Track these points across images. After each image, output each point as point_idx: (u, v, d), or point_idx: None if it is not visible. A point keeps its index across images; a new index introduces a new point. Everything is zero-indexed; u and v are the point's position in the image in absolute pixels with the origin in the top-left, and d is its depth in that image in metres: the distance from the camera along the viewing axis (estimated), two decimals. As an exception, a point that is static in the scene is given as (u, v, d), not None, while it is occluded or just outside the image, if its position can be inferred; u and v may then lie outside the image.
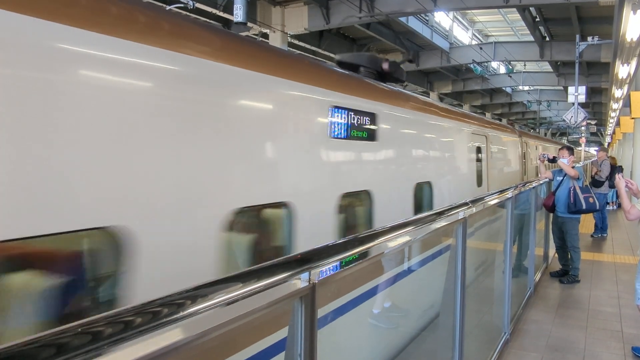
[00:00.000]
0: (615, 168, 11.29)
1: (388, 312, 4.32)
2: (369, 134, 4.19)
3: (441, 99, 28.27)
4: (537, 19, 18.18)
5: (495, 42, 22.73)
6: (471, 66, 21.82)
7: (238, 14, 11.43)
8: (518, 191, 5.05)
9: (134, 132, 2.18)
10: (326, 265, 1.58)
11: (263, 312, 1.34)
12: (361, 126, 4.03)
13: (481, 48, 21.32)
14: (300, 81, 3.43)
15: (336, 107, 3.69)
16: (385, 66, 5.56)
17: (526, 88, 32.54)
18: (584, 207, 6.54)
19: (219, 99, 2.72)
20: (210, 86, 2.64)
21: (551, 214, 7.21)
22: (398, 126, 5.01)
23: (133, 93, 2.20)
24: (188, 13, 12.45)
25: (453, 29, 24.47)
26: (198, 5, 12.34)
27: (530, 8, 16.74)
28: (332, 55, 18.79)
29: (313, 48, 17.90)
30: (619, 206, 11.35)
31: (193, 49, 2.55)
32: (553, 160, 6.95)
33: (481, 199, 3.69)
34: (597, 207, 6.91)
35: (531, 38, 20.08)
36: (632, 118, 12.06)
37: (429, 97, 25.13)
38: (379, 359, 3.92)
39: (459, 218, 3.11)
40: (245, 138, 2.85)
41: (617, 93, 16.13)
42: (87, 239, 2.05)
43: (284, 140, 3.24)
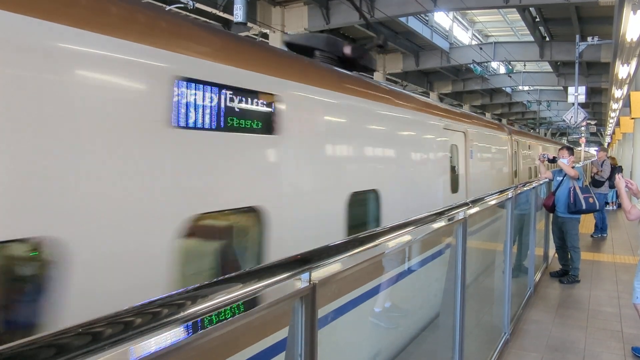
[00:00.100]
0: (615, 168, 11.31)
1: (388, 312, 4.32)
2: (265, 124, 2.85)
3: (441, 99, 28.25)
4: (537, 19, 18.18)
5: (495, 42, 22.75)
6: (471, 66, 21.82)
7: (238, 14, 11.43)
8: (518, 191, 5.05)
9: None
10: (326, 265, 1.58)
11: (263, 313, 1.34)
12: (248, 112, 2.71)
13: (481, 48, 21.33)
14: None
15: (191, 80, 2.35)
16: (347, 51, 4.58)
17: (526, 88, 32.55)
18: (584, 207, 6.55)
19: None
20: None
21: (551, 214, 7.22)
22: (324, 113, 3.62)
23: None
24: (188, 13, 12.47)
25: (453, 29, 24.46)
26: (198, 5, 12.34)
27: (530, 8, 16.75)
28: (332, 55, 18.80)
29: (313, 48, 17.87)
30: (619, 206, 11.36)
31: None
32: (553, 160, 6.96)
33: (481, 199, 3.69)
34: (597, 207, 6.92)
35: (531, 38, 20.09)
36: (632, 118, 12.07)
37: (429, 97, 25.05)
38: (378, 358, 3.92)
39: (459, 218, 3.11)
40: None
41: (617, 93, 16.13)
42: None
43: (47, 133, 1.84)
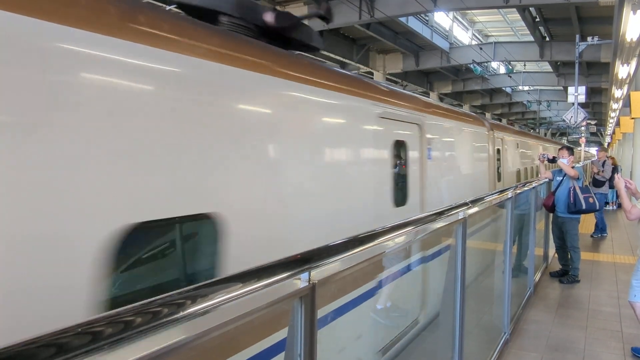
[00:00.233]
0: (614, 168, 11.34)
1: (387, 312, 4.32)
2: None
3: (441, 99, 28.25)
4: (537, 19, 18.18)
5: (495, 42, 22.74)
6: (471, 66, 21.81)
7: (238, 14, 11.39)
8: (518, 191, 5.06)
9: None
10: (326, 265, 1.58)
11: (263, 312, 1.35)
12: None
13: (481, 48, 21.33)
14: None
15: None
16: (268, 18, 3.42)
17: (526, 88, 32.55)
18: (584, 207, 6.55)
19: None
20: None
21: (551, 214, 7.22)
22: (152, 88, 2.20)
23: None
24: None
25: (453, 29, 24.46)
26: (198, 5, 12.31)
27: (530, 8, 16.74)
28: (332, 55, 18.81)
29: (313, 48, 17.86)
30: (619, 206, 11.37)
31: None
32: (553, 160, 6.97)
33: (481, 199, 3.70)
34: (597, 207, 6.93)
35: (531, 38, 20.09)
36: (632, 118, 12.07)
37: (429, 97, 25.00)
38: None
39: (459, 218, 3.11)
40: None
41: (617, 93, 16.14)
42: None
43: None
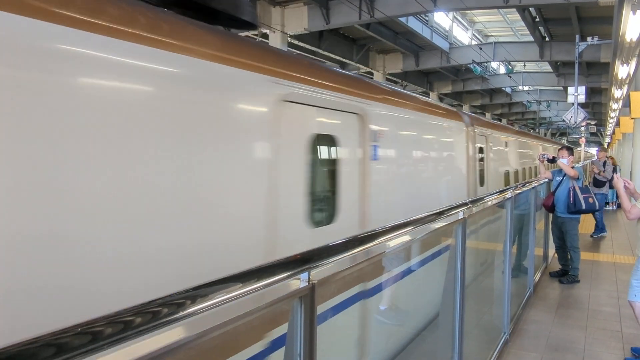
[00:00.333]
0: (614, 168, 11.38)
1: (386, 312, 4.32)
2: None
3: (441, 99, 28.24)
4: (537, 19, 18.17)
5: (495, 43, 22.71)
6: (471, 66, 21.79)
7: (238, 14, 11.39)
8: (517, 191, 5.06)
9: None
10: (325, 265, 1.58)
11: (263, 312, 1.35)
12: None
13: (481, 48, 21.32)
14: None
15: None
16: None
17: (526, 88, 32.54)
18: (584, 207, 6.55)
19: None
20: None
21: (551, 214, 7.22)
22: None
23: None
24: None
25: (453, 29, 24.46)
26: (198, 5, 12.32)
27: (530, 8, 16.73)
28: (332, 55, 18.82)
29: (313, 48, 17.90)
30: (619, 206, 11.37)
31: None
32: (552, 160, 6.97)
33: (481, 199, 3.70)
34: (597, 207, 6.93)
35: (531, 38, 20.08)
36: (632, 118, 12.07)
37: (429, 97, 24.97)
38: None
39: (459, 218, 3.11)
40: None
41: (617, 93, 16.13)
42: None
43: None
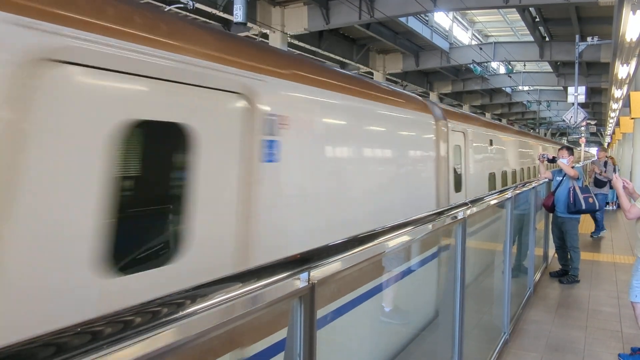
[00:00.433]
0: (613, 168, 11.40)
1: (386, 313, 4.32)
2: None
3: (441, 99, 28.23)
4: (537, 19, 18.17)
5: (495, 42, 22.71)
6: (471, 66, 21.80)
7: (238, 14, 11.41)
8: (517, 191, 5.05)
9: None
10: (325, 265, 1.58)
11: (262, 312, 1.35)
12: None
13: (481, 48, 21.32)
14: None
15: None
16: None
17: (526, 88, 32.53)
18: (584, 207, 6.55)
19: None
20: None
21: (551, 214, 7.22)
22: None
23: None
24: (187, 13, 12.47)
25: (453, 29, 24.46)
26: (198, 5, 12.33)
27: (530, 8, 16.73)
28: (332, 55, 18.82)
29: (313, 48, 17.90)
30: (619, 206, 11.37)
31: None
32: (553, 160, 6.97)
33: (481, 199, 3.69)
34: (597, 207, 6.93)
35: (531, 38, 20.08)
36: (632, 118, 12.07)
37: (429, 97, 24.95)
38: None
39: (459, 218, 3.11)
40: None
41: (617, 93, 16.12)
42: None
43: None
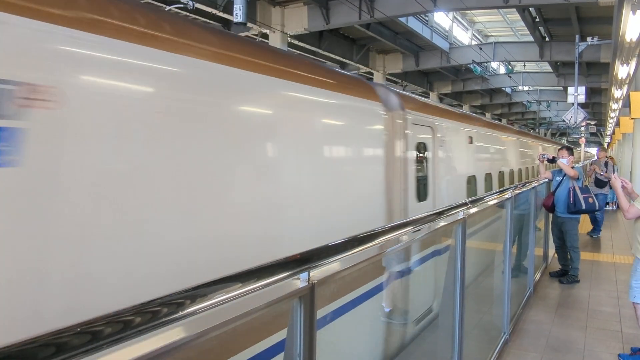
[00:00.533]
0: (613, 168, 11.46)
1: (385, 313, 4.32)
2: None
3: (441, 99, 28.23)
4: (537, 19, 18.16)
5: (495, 43, 22.70)
6: (471, 66, 21.79)
7: (238, 15, 11.40)
8: (517, 191, 5.06)
9: None
10: (325, 265, 1.58)
11: (262, 312, 1.35)
12: None
13: (481, 48, 21.31)
14: None
15: None
16: None
17: (526, 88, 32.53)
18: (584, 207, 6.55)
19: None
20: None
21: (550, 214, 7.22)
22: None
23: None
24: (188, 13, 12.46)
25: (453, 29, 24.45)
26: (198, 5, 12.34)
27: (530, 8, 16.73)
28: (332, 55, 18.82)
29: (313, 48, 17.89)
30: (619, 207, 11.37)
31: None
32: (552, 160, 6.97)
33: (480, 199, 3.70)
34: (597, 207, 6.93)
35: (531, 38, 20.08)
36: (632, 118, 12.07)
37: (429, 97, 24.93)
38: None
39: (459, 218, 3.11)
40: None
41: (617, 93, 16.11)
42: None
43: None
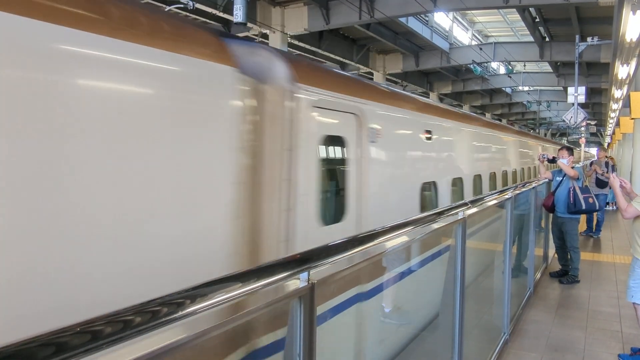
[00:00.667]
0: (612, 167, 11.49)
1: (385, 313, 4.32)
2: None
3: (441, 100, 28.22)
4: (537, 20, 18.17)
5: (495, 43, 22.70)
6: (471, 67, 21.79)
7: (238, 15, 11.41)
8: (517, 192, 5.05)
9: None
10: (325, 264, 1.58)
11: (262, 312, 1.35)
12: None
13: (481, 48, 21.31)
14: None
15: None
16: None
17: (526, 88, 32.53)
18: (584, 208, 6.55)
19: None
20: None
21: (551, 214, 7.22)
22: None
23: None
24: (188, 14, 12.47)
25: (453, 30, 24.45)
26: (198, 5, 12.34)
27: (530, 8, 16.73)
28: (332, 55, 18.82)
29: (313, 48, 17.89)
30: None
31: None
32: (552, 160, 6.98)
33: (480, 199, 3.69)
34: (597, 208, 6.93)
35: (531, 38, 20.08)
36: (632, 118, 12.08)
37: (429, 98, 24.93)
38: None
39: (459, 218, 3.11)
40: None
41: (617, 93, 16.12)
42: None
43: None
